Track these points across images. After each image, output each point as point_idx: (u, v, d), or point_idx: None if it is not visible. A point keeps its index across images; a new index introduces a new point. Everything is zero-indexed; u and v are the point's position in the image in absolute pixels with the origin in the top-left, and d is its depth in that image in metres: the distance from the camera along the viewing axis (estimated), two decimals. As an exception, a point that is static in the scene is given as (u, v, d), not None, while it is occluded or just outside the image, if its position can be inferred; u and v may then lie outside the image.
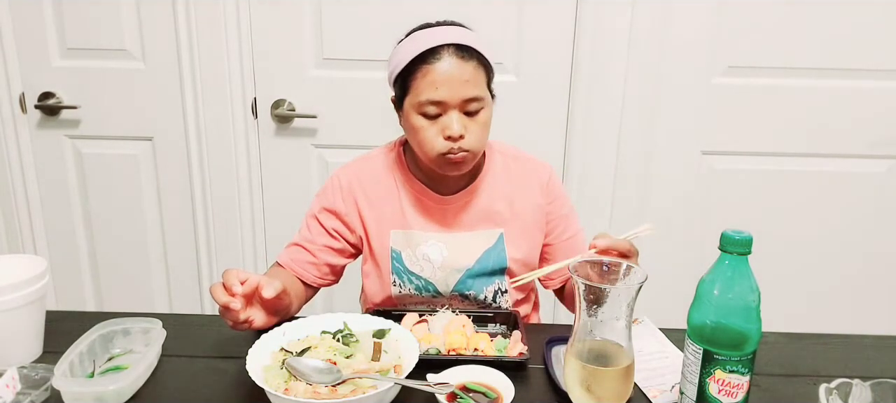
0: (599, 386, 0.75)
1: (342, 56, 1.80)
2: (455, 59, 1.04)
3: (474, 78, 1.06)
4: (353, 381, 0.86)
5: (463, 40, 1.06)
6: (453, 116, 1.05)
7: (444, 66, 1.04)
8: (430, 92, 1.05)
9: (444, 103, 1.05)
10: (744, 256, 0.76)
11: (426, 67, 1.05)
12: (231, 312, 0.94)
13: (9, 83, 1.86)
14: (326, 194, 1.22)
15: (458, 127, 1.05)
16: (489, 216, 1.19)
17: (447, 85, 1.04)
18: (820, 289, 1.97)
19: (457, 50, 1.05)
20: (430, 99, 1.05)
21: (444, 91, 1.04)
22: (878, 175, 1.88)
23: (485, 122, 1.09)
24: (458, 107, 1.06)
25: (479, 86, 1.06)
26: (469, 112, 1.07)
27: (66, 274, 2.03)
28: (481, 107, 1.07)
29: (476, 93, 1.06)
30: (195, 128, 1.87)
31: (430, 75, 1.04)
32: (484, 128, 1.09)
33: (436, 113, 1.06)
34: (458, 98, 1.05)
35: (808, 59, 1.78)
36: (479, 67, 1.07)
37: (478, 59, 1.06)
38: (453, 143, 1.06)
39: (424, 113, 1.07)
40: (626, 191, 1.90)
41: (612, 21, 1.76)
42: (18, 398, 0.87)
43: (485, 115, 1.09)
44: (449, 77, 1.04)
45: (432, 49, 1.04)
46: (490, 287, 1.20)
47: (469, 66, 1.05)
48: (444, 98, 1.05)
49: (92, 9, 1.78)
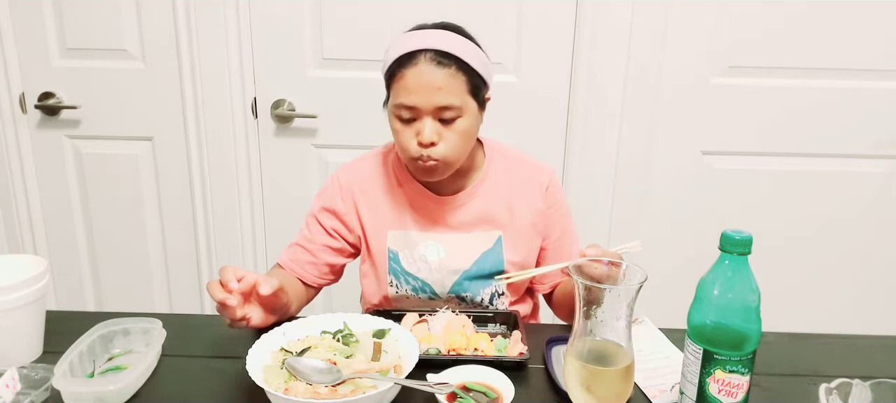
0: (599, 386, 0.75)
1: (342, 56, 1.80)
2: (430, 65, 1.03)
3: (449, 85, 1.04)
4: (353, 381, 0.86)
5: (444, 46, 1.04)
6: (426, 123, 1.05)
7: (417, 72, 1.03)
8: (404, 96, 1.04)
9: (417, 109, 1.05)
10: (744, 256, 0.76)
11: (402, 72, 1.04)
12: (228, 309, 0.94)
13: (9, 83, 1.86)
14: (326, 194, 1.22)
15: (428, 134, 1.05)
16: (488, 218, 1.19)
17: (419, 91, 1.03)
18: (820, 289, 1.98)
19: (435, 56, 1.03)
20: (404, 103, 1.05)
21: (415, 97, 1.04)
22: (879, 175, 1.89)
23: (463, 131, 1.07)
24: (431, 113, 1.05)
25: (454, 94, 1.04)
26: (444, 119, 1.06)
27: (66, 274, 2.03)
28: (457, 115, 1.06)
29: (450, 101, 1.04)
30: (195, 128, 1.87)
31: (404, 80, 1.04)
32: (461, 137, 1.07)
33: (409, 117, 1.06)
34: (430, 105, 1.04)
35: (808, 59, 1.78)
36: (459, 74, 1.05)
37: (458, 65, 1.04)
38: (424, 150, 1.06)
39: (399, 116, 1.07)
40: (626, 191, 1.90)
41: (612, 21, 1.76)
42: (18, 398, 0.87)
43: (463, 124, 1.07)
44: (421, 84, 1.03)
45: (410, 53, 1.04)
46: (487, 289, 1.19)
47: (445, 74, 1.03)
48: (416, 104, 1.04)
49: (92, 9, 1.78)
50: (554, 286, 1.26)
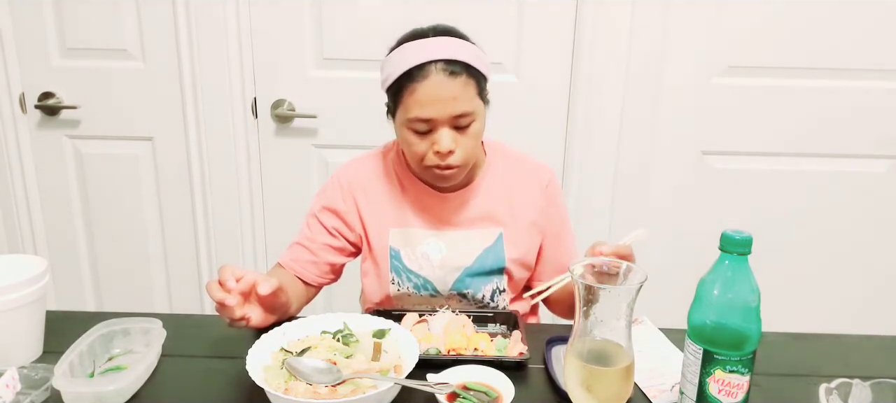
0: (599, 386, 0.75)
1: (342, 56, 1.80)
2: (443, 76, 1.02)
3: (463, 93, 1.04)
4: (353, 381, 0.86)
5: (452, 54, 1.03)
6: (443, 133, 1.05)
7: (431, 84, 1.02)
8: (418, 110, 1.04)
9: (433, 120, 1.05)
10: (744, 256, 0.76)
11: (414, 85, 1.03)
12: (227, 309, 0.94)
13: (9, 83, 1.86)
14: (326, 193, 1.22)
15: (447, 143, 1.05)
16: (488, 215, 1.19)
17: (435, 104, 1.03)
18: (820, 289, 1.97)
19: (445, 66, 1.03)
20: (419, 116, 1.04)
21: (432, 109, 1.03)
22: (878, 175, 1.88)
23: (476, 134, 1.08)
24: (447, 123, 1.05)
25: (468, 100, 1.05)
26: (459, 126, 1.06)
27: (66, 274, 2.03)
28: (472, 120, 1.07)
29: (465, 108, 1.05)
30: (195, 128, 1.87)
31: (418, 94, 1.03)
32: (475, 139, 1.09)
33: (425, 129, 1.06)
34: (446, 115, 1.04)
35: (808, 59, 1.78)
36: (469, 80, 1.05)
37: (468, 72, 1.04)
38: (442, 159, 1.07)
39: (414, 129, 1.07)
40: (625, 191, 1.90)
41: (612, 21, 1.76)
42: (18, 398, 0.87)
43: (476, 127, 1.08)
44: (437, 96, 1.03)
45: (420, 65, 1.03)
46: (488, 286, 1.20)
47: (458, 83, 1.03)
48: (433, 116, 1.04)
49: (92, 9, 1.78)
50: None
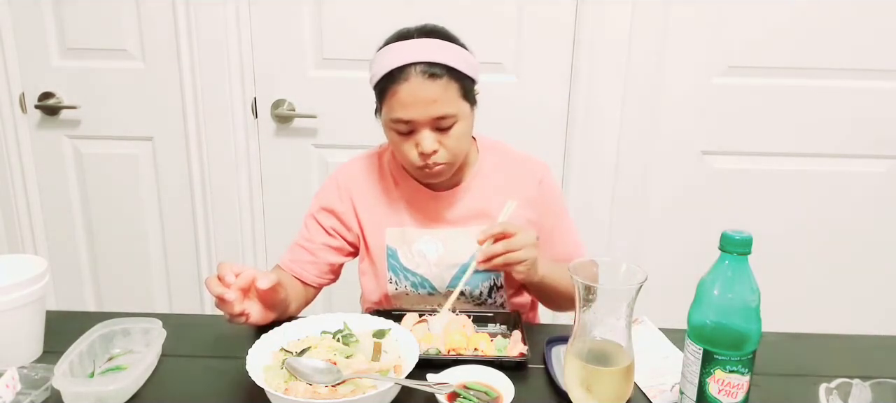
0: (599, 386, 0.75)
1: (342, 56, 1.80)
2: (422, 79, 1.03)
3: (443, 96, 1.04)
4: (353, 381, 0.86)
5: (432, 57, 1.03)
6: (425, 135, 1.06)
7: (411, 87, 1.03)
8: (400, 111, 1.05)
9: (414, 122, 1.05)
10: (744, 256, 0.76)
11: (394, 87, 1.04)
12: (226, 304, 0.95)
13: (9, 83, 1.86)
14: (324, 194, 1.23)
15: (428, 144, 1.06)
16: (484, 211, 1.19)
17: (415, 106, 1.04)
18: (820, 289, 1.97)
19: (426, 68, 1.03)
20: (400, 118, 1.05)
21: (411, 111, 1.04)
22: (878, 175, 1.88)
23: (460, 134, 1.09)
24: (428, 124, 1.06)
25: (449, 102, 1.05)
26: (441, 128, 1.07)
27: (66, 274, 2.03)
28: (454, 122, 1.07)
29: (445, 111, 1.05)
30: (195, 128, 1.87)
31: (399, 96, 1.04)
32: (460, 139, 1.09)
33: (407, 130, 1.07)
34: (426, 117, 1.05)
35: (809, 60, 1.78)
36: (451, 83, 1.05)
37: (450, 74, 1.05)
38: (425, 159, 1.08)
39: (397, 130, 1.08)
40: (625, 191, 1.90)
41: (612, 21, 1.76)
42: (18, 398, 0.87)
43: (460, 128, 1.08)
44: (416, 99, 1.03)
45: (400, 67, 1.03)
46: (485, 282, 1.20)
47: (437, 86, 1.04)
48: (413, 117, 1.05)
49: (92, 9, 1.78)
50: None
